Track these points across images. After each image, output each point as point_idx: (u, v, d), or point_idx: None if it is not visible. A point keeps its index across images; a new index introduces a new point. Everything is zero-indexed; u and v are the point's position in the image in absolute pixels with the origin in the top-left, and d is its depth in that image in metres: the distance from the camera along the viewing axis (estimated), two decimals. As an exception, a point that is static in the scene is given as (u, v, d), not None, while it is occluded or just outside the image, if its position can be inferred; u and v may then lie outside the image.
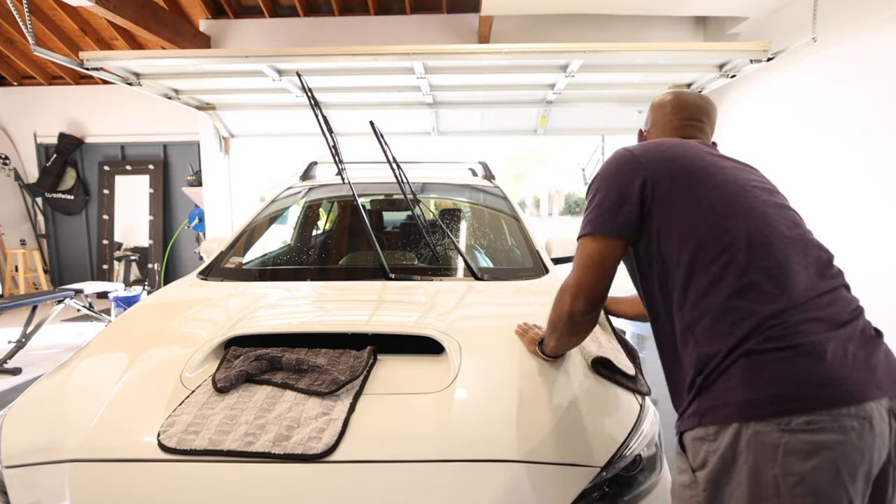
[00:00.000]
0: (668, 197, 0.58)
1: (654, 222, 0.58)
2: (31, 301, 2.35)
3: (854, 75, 2.02)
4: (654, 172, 0.59)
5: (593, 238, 0.60)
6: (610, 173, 0.62)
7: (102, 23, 3.33)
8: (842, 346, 0.49)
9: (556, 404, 0.64)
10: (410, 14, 3.27)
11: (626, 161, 0.62)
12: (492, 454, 0.56)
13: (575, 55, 2.12)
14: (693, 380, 0.54)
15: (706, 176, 0.59)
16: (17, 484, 0.56)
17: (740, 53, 2.13)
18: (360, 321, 0.87)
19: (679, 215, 0.57)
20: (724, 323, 0.52)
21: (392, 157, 1.24)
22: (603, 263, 0.59)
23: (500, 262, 1.33)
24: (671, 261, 0.57)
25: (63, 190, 3.86)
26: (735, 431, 0.48)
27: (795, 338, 0.49)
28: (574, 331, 0.65)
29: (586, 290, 0.60)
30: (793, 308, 0.50)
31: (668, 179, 0.59)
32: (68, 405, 0.66)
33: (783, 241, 0.54)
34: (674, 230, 0.57)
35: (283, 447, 0.56)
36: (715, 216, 0.56)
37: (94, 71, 2.20)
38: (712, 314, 0.53)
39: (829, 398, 0.46)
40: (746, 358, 0.50)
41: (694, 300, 0.54)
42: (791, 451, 0.46)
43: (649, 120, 0.76)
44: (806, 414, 0.46)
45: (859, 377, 0.48)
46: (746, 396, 0.48)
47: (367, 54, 2.15)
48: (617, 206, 0.59)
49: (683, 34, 3.13)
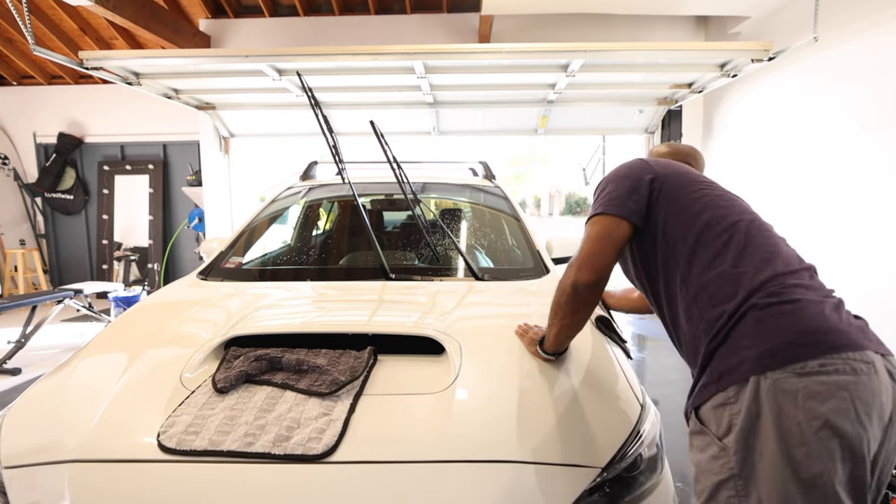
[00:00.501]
0: (675, 190, 0.65)
1: (660, 209, 0.64)
2: (30, 301, 2.35)
3: (855, 75, 2.02)
4: (662, 171, 0.67)
5: (604, 216, 0.65)
6: (621, 173, 0.69)
7: (102, 22, 3.32)
8: (832, 308, 0.54)
9: (556, 405, 0.64)
10: (411, 13, 3.27)
11: (637, 163, 0.69)
12: (492, 455, 0.56)
13: (576, 55, 2.12)
14: (697, 350, 0.57)
15: (707, 182, 0.68)
16: (17, 484, 0.56)
17: (741, 53, 2.13)
18: (360, 321, 0.87)
19: (686, 203, 0.64)
20: (727, 287, 0.56)
21: (392, 157, 1.23)
22: (611, 236, 0.64)
23: (501, 263, 1.33)
24: (676, 240, 0.62)
25: (62, 190, 3.86)
26: (755, 385, 0.50)
27: (794, 294, 0.53)
28: (577, 307, 0.66)
29: (592, 259, 0.63)
30: (785, 275, 0.55)
31: (675, 177, 0.67)
32: (68, 405, 0.66)
33: (774, 235, 0.62)
34: (680, 214, 0.63)
35: (283, 448, 0.56)
36: (718, 207, 0.63)
37: (93, 70, 2.19)
38: (716, 282, 0.57)
39: (836, 343, 0.49)
40: (753, 313, 0.53)
41: (698, 272, 0.59)
42: (810, 393, 0.47)
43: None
44: (819, 357, 0.48)
45: (854, 330, 0.52)
46: (759, 348, 0.51)
47: (367, 54, 2.15)
48: (628, 194, 0.65)
49: (684, 34, 3.13)
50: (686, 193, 0.65)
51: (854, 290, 1.91)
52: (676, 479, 0.99)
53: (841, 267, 2.05)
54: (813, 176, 2.28)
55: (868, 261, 1.97)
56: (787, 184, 2.45)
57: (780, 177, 2.52)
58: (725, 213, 0.62)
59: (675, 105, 2.98)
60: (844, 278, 1.98)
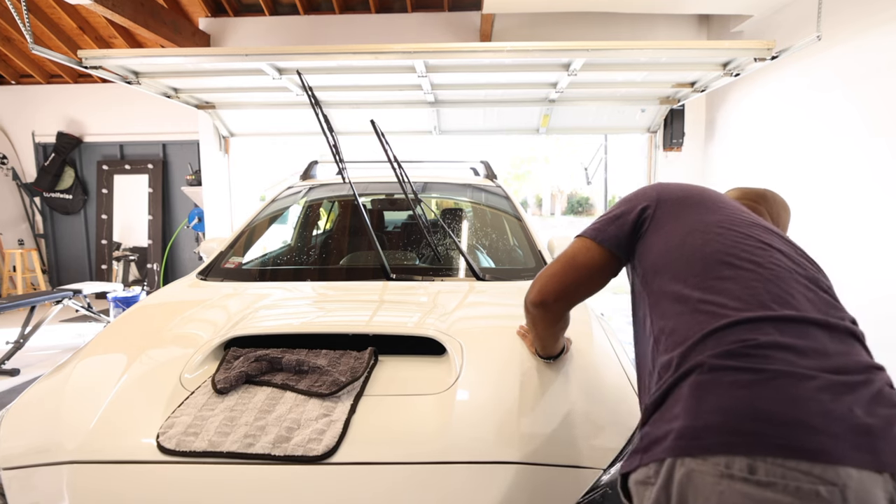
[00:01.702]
0: (667, 214, 0.55)
1: (647, 236, 0.55)
2: (29, 301, 2.34)
3: (860, 73, 2.01)
4: (665, 196, 0.57)
5: (579, 238, 0.61)
6: (625, 196, 0.62)
7: (101, 21, 3.31)
8: (838, 396, 0.36)
9: (558, 406, 0.64)
10: (412, 12, 3.26)
11: (645, 188, 0.62)
12: (494, 456, 0.56)
13: (578, 53, 2.11)
14: (646, 403, 0.44)
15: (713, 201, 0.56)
16: (16, 486, 0.55)
17: (744, 52, 2.12)
18: (360, 322, 0.87)
19: (673, 226, 0.53)
20: (682, 328, 0.43)
21: (393, 157, 1.23)
22: (574, 260, 0.58)
23: (502, 263, 1.33)
24: (649, 268, 0.52)
25: (61, 189, 3.85)
26: (668, 470, 0.37)
27: (769, 360, 0.37)
28: (529, 322, 0.65)
29: (545, 279, 0.59)
30: (775, 324, 0.39)
31: (676, 201, 0.56)
32: (67, 406, 0.65)
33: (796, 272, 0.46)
34: (660, 238, 0.53)
35: (284, 449, 0.56)
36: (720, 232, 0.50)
37: (92, 69, 2.19)
38: (677, 319, 0.45)
39: (792, 441, 0.34)
40: (696, 376, 0.40)
41: (666, 306, 0.47)
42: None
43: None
44: (752, 456, 0.34)
45: (844, 432, 0.34)
46: (684, 422, 0.38)
47: (367, 53, 2.14)
48: (613, 219, 0.59)
49: (687, 32, 3.12)
50: (678, 216, 0.53)
51: (861, 295, 1.89)
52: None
53: (847, 271, 2.03)
54: (817, 176, 2.27)
55: (875, 264, 1.94)
56: (790, 184, 2.44)
57: (783, 177, 2.51)
58: (722, 237, 0.48)
59: (677, 104, 2.97)
60: (851, 283, 1.96)
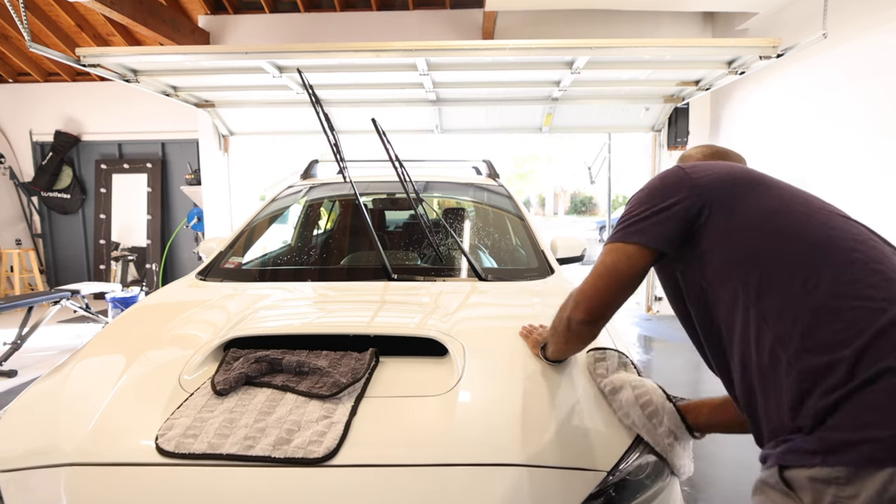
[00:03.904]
0: (727, 200, 0.51)
1: (713, 222, 0.50)
2: (26, 302, 2.33)
3: (866, 71, 2.00)
4: (707, 176, 0.53)
5: (618, 245, 0.56)
6: (653, 186, 0.57)
7: (99, 18, 3.30)
8: None
9: (561, 407, 0.63)
10: (413, 10, 3.25)
11: (673, 173, 0.56)
12: (496, 458, 0.55)
13: (581, 51, 2.11)
14: (798, 403, 0.42)
15: (770, 181, 0.54)
16: (13, 488, 0.55)
17: (749, 50, 2.11)
18: (361, 322, 0.86)
19: (752, 209, 0.49)
20: (837, 327, 0.41)
21: (394, 156, 1.22)
22: (618, 273, 0.54)
23: (505, 263, 1.32)
24: (739, 259, 0.47)
25: (59, 189, 3.83)
26: (886, 479, 0.37)
27: None
28: (570, 338, 0.62)
29: (592, 298, 0.56)
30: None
31: (729, 181, 0.53)
32: (65, 408, 0.65)
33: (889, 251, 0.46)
34: (745, 223, 0.48)
35: (284, 451, 0.55)
36: (801, 212, 0.48)
37: (90, 67, 2.18)
38: (817, 317, 0.42)
39: None
40: (889, 379, 0.38)
41: (783, 301, 0.44)
42: None
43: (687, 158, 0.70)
44: None
45: None
46: (892, 431, 0.37)
47: (369, 51, 2.13)
48: (655, 213, 0.53)
49: (691, 30, 3.12)
50: (750, 198, 0.50)
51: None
52: (683, 483, 0.99)
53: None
54: (823, 174, 2.26)
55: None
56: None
57: (789, 176, 2.50)
58: (808, 218, 0.47)
59: (681, 102, 2.96)
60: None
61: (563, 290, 1.05)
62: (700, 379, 2.25)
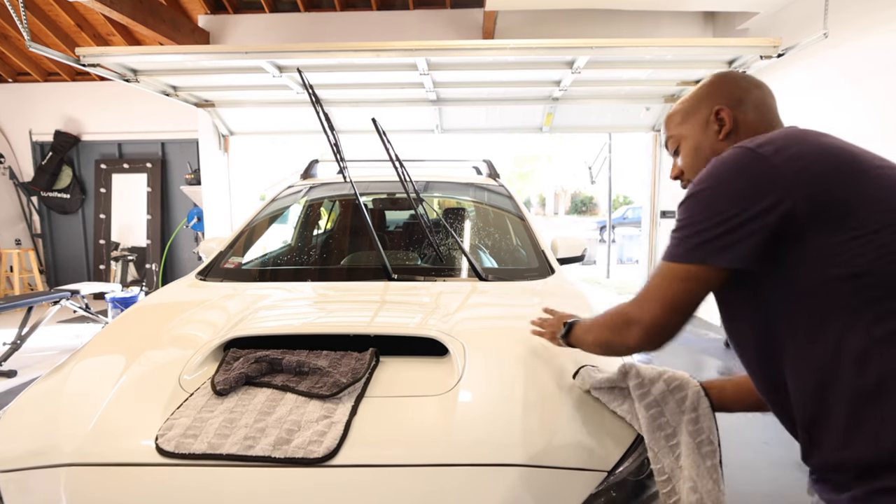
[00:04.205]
0: (844, 191, 0.39)
1: (820, 235, 0.39)
2: (26, 302, 2.33)
3: (867, 71, 2.00)
4: (805, 172, 0.40)
5: (675, 266, 0.45)
6: (725, 180, 0.43)
7: (99, 18, 3.29)
8: None
9: (562, 407, 0.63)
10: (413, 9, 3.25)
11: (752, 163, 0.42)
12: (497, 458, 0.55)
13: (581, 51, 2.11)
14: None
15: (862, 151, 0.42)
16: (13, 489, 0.55)
17: (750, 49, 2.11)
18: (362, 322, 0.86)
19: (873, 207, 0.38)
20: None
21: (395, 155, 1.22)
22: (684, 297, 0.45)
23: (505, 263, 1.32)
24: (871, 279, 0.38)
25: (59, 189, 3.83)
26: None
27: None
28: (618, 352, 0.56)
29: (647, 323, 0.47)
30: None
31: (833, 171, 0.40)
32: (64, 408, 0.65)
33: None
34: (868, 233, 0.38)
35: (284, 451, 0.55)
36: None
37: (90, 67, 2.18)
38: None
39: None
40: None
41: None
42: None
43: (733, 97, 0.51)
44: None
45: None
46: None
47: (369, 50, 2.13)
48: (736, 227, 0.41)
49: (692, 30, 3.12)
50: (863, 187, 0.39)
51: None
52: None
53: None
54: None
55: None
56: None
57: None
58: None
59: (681, 102, 2.98)
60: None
61: (564, 289, 1.05)
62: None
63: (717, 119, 0.53)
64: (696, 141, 0.55)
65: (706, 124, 0.54)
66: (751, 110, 0.52)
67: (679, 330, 0.48)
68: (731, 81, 0.53)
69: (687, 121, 0.56)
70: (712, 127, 0.53)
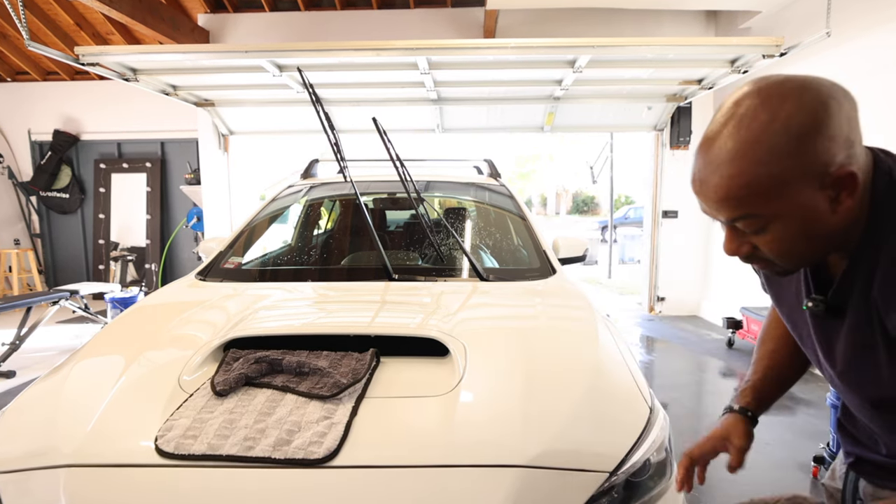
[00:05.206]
0: None
1: None
2: (25, 302, 2.32)
3: (869, 70, 2.00)
4: None
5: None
6: None
7: (98, 17, 3.29)
8: None
9: (563, 408, 0.63)
10: (414, 8, 3.24)
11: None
12: (497, 459, 0.55)
13: (583, 50, 2.10)
14: None
15: None
16: (12, 490, 0.55)
17: (752, 48, 2.10)
18: (362, 323, 0.86)
19: None
20: None
21: (395, 155, 1.22)
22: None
23: (506, 263, 1.32)
24: None
25: (58, 188, 3.82)
26: None
27: None
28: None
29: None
30: None
31: None
32: (63, 409, 0.64)
33: None
34: None
35: (284, 452, 0.55)
36: None
37: (89, 66, 2.17)
38: None
39: None
40: None
41: None
42: None
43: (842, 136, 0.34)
44: None
45: None
46: None
47: (369, 49, 2.12)
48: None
49: (694, 29, 3.11)
50: None
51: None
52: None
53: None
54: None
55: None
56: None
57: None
58: None
59: (684, 102, 2.95)
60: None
61: (565, 290, 1.05)
62: (702, 380, 2.24)
63: (834, 185, 0.34)
64: (799, 224, 0.35)
65: (815, 196, 0.35)
66: (859, 145, 0.35)
67: None
68: (829, 104, 0.33)
69: (782, 196, 0.35)
70: (825, 197, 0.35)
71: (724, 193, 0.36)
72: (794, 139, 0.33)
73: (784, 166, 0.34)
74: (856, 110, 0.35)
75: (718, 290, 3.19)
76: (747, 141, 0.34)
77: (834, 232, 0.36)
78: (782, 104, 0.33)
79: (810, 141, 0.33)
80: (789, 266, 0.39)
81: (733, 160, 0.35)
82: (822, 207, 0.35)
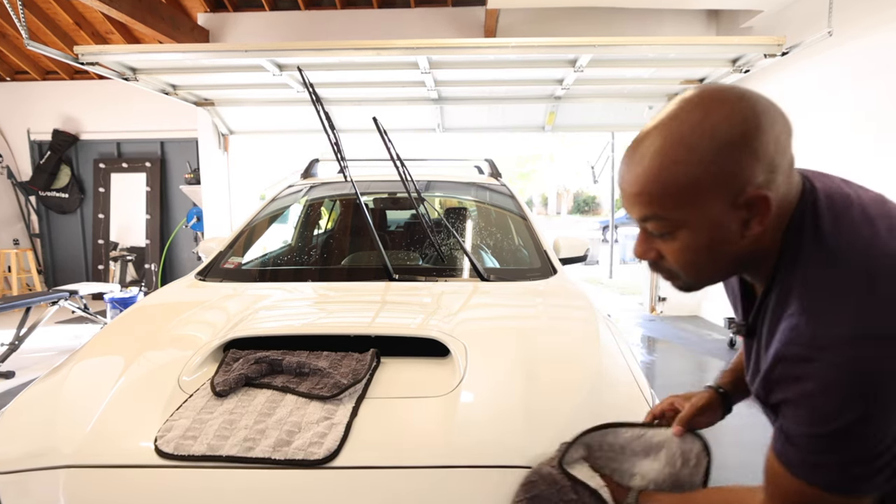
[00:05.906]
0: None
1: None
2: (24, 302, 2.32)
3: (871, 70, 2.00)
4: None
5: (820, 494, 0.32)
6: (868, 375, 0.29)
7: (98, 16, 3.28)
8: None
9: (564, 409, 0.63)
10: (414, 7, 3.24)
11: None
12: (498, 460, 0.55)
13: (584, 49, 2.10)
14: None
15: None
16: (11, 491, 0.55)
17: (754, 48, 2.10)
18: (362, 323, 0.86)
19: None
20: None
21: (396, 155, 1.22)
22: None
23: (507, 263, 1.32)
24: None
25: (57, 188, 3.82)
26: None
27: None
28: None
29: None
30: None
31: None
32: (63, 410, 0.64)
33: None
34: None
35: (284, 453, 0.54)
36: None
37: (89, 66, 2.17)
38: None
39: None
40: None
41: None
42: None
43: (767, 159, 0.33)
44: None
45: None
46: None
47: (370, 48, 2.12)
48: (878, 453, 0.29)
49: (695, 28, 3.11)
50: None
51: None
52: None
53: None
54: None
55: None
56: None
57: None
58: None
59: (684, 101, 2.97)
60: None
61: (566, 290, 1.05)
62: (703, 380, 2.24)
63: (746, 206, 0.33)
64: (705, 237, 0.35)
65: (726, 212, 0.34)
66: (783, 173, 0.34)
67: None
68: (761, 120, 0.32)
69: (694, 203, 0.34)
70: (736, 216, 0.34)
71: (638, 188, 0.36)
72: (716, 145, 0.33)
73: (700, 170, 0.33)
74: (788, 135, 0.34)
75: (719, 290, 3.18)
76: (672, 138, 0.34)
77: (741, 256, 0.36)
78: (717, 108, 0.33)
79: (733, 151, 0.32)
80: (691, 280, 0.39)
81: (655, 154, 0.35)
82: (731, 227, 0.34)
